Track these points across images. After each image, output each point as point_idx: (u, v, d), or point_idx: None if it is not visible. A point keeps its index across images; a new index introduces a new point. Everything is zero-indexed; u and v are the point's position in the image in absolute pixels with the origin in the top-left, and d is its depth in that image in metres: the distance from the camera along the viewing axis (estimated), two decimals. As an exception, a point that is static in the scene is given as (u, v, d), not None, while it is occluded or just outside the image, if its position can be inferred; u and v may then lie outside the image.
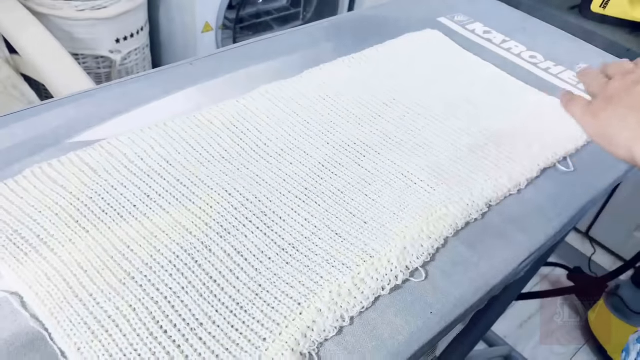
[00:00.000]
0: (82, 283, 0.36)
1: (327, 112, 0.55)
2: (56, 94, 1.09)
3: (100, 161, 0.45)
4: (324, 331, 0.36)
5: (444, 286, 0.41)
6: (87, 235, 0.39)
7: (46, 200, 0.41)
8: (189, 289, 0.37)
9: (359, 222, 0.44)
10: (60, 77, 1.08)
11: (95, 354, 0.32)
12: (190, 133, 0.49)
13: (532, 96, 0.61)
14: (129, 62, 1.54)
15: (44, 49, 1.13)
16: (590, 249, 1.59)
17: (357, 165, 0.49)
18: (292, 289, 0.38)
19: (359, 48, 0.65)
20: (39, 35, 1.15)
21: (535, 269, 0.79)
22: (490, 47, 0.70)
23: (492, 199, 0.47)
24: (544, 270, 1.60)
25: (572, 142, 0.55)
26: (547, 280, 1.59)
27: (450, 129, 0.55)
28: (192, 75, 0.58)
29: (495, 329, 1.39)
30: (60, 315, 0.34)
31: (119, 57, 1.48)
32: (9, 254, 0.37)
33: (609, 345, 1.37)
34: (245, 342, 0.34)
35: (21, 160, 0.45)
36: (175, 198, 0.43)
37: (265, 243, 0.41)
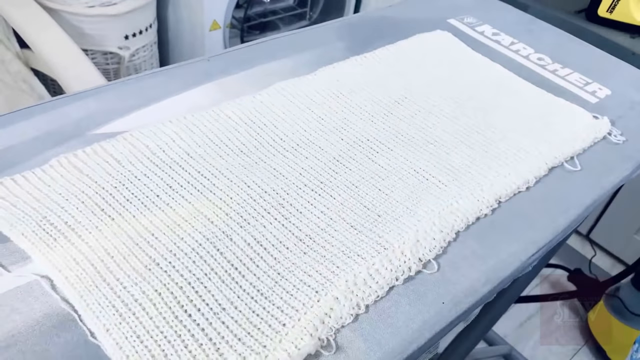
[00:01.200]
0: (109, 268, 0.37)
1: (341, 109, 0.56)
2: (67, 89, 1.10)
3: (124, 152, 0.46)
4: (341, 318, 0.38)
5: (455, 278, 0.42)
6: (113, 223, 0.40)
7: (72, 188, 0.42)
8: (212, 276, 0.38)
9: (373, 215, 0.45)
10: (72, 72, 1.09)
11: (123, 334, 0.34)
12: (209, 127, 0.50)
13: (540, 97, 0.62)
14: (137, 58, 1.56)
15: (56, 44, 1.14)
16: (591, 252, 1.60)
17: (371, 160, 0.50)
18: (310, 277, 0.39)
19: (370, 47, 0.66)
20: (51, 30, 1.17)
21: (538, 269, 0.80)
22: (498, 49, 0.71)
23: (501, 195, 0.49)
24: (545, 271, 1.61)
25: (579, 142, 0.56)
26: (547, 281, 1.61)
27: (460, 127, 0.56)
28: (208, 71, 0.59)
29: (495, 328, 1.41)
30: (89, 298, 0.35)
31: (128, 54, 1.50)
32: (39, 239, 0.38)
33: (608, 346, 1.38)
34: (266, 327, 0.36)
35: (45, 152, 0.47)
36: (197, 189, 0.44)
37: (283, 233, 0.42)
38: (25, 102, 1.33)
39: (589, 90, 0.66)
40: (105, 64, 1.51)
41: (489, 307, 0.81)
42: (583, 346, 1.45)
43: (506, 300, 0.80)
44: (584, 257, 1.62)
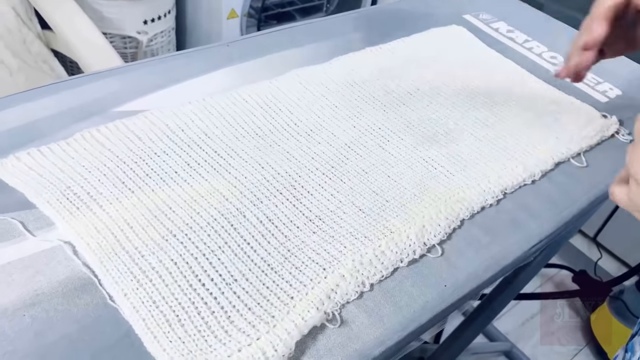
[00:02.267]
0: (128, 237, 0.39)
1: (355, 97, 0.58)
2: (86, 70, 1.12)
3: (145, 129, 0.48)
4: (346, 294, 0.39)
5: (458, 263, 0.44)
6: (133, 195, 0.42)
7: (95, 161, 0.44)
8: (225, 249, 0.40)
9: (381, 200, 0.47)
10: (92, 53, 1.11)
11: (140, 299, 0.36)
12: (227, 109, 0.52)
13: (551, 94, 0.64)
14: (154, 43, 1.58)
15: (77, 26, 1.17)
16: (597, 254, 1.61)
17: (381, 148, 0.52)
18: (318, 255, 0.41)
19: (385, 39, 0.68)
20: (72, 12, 1.19)
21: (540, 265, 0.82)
22: (512, 46, 0.72)
23: (507, 187, 0.50)
24: (550, 272, 1.62)
25: (586, 139, 0.57)
26: (551, 282, 1.61)
27: (471, 120, 0.58)
28: (228, 55, 0.61)
29: (497, 325, 1.42)
30: (108, 264, 0.37)
31: (146, 39, 1.52)
32: (63, 207, 0.40)
33: (609, 347, 1.39)
34: (275, 299, 0.38)
35: (69, 126, 0.49)
36: (213, 168, 0.46)
37: (294, 213, 0.44)
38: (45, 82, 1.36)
39: (600, 90, 0.67)
40: (124, 47, 1.54)
41: (489, 301, 0.82)
42: (584, 347, 1.46)
43: (507, 295, 0.81)
44: (589, 259, 1.63)
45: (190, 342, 0.34)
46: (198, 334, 0.35)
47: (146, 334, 0.34)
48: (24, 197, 0.41)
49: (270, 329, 0.36)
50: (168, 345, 0.34)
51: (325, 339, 0.37)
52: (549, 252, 0.85)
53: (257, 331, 0.36)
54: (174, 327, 0.35)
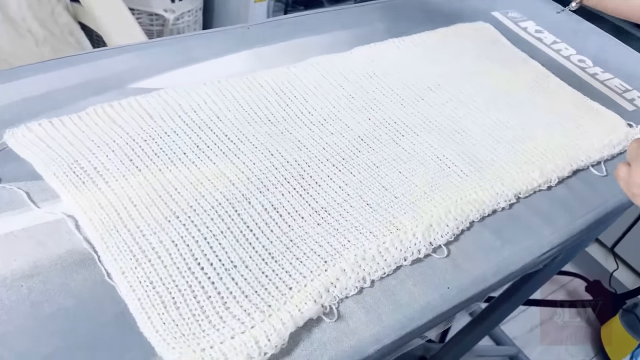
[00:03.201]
0: (131, 215, 0.39)
1: (372, 89, 0.57)
2: (110, 44, 1.13)
3: (157, 108, 0.48)
4: (346, 289, 0.39)
5: (464, 265, 0.43)
6: (139, 174, 0.42)
7: (105, 137, 0.44)
8: (227, 234, 0.40)
9: (390, 196, 0.46)
10: (117, 28, 1.12)
11: (137, 279, 0.36)
12: (242, 93, 0.52)
13: (575, 99, 0.62)
14: (181, 22, 1.58)
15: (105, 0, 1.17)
16: (613, 265, 1.58)
17: (395, 143, 0.51)
18: (321, 247, 0.41)
19: (410, 31, 0.66)
20: (101, -15, 1.19)
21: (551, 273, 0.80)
22: (540, 47, 0.70)
23: (521, 191, 0.49)
24: (563, 280, 1.60)
25: (608, 148, 0.55)
26: (564, 289, 1.59)
27: (490, 120, 0.56)
28: (247, 39, 0.61)
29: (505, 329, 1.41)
30: (109, 241, 0.37)
31: (172, 17, 1.52)
32: (69, 181, 0.40)
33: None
34: (273, 288, 0.37)
35: (85, 99, 0.49)
36: (222, 151, 0.46)
37: (300, 203, 0.43)
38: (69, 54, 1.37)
39: (628, 98, 0.64)
40: (150, 24, 1.54)
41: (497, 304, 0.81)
42: (593, 358, 1.44)
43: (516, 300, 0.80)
44: (605, 270, 1.60)
45: (183, 325, 0.34)
46: (192, 318, 0.35)
47: (140, 314, 0.34)
48: (32, 167, 0.41)
49: (265, 318, 0.35)
50: (161, 327, 0.34)
51: (321, 332, 0.36)
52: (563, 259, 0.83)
53: (252, 319, 0.35)
54: (168, 309, 0.35)
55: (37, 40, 1.31)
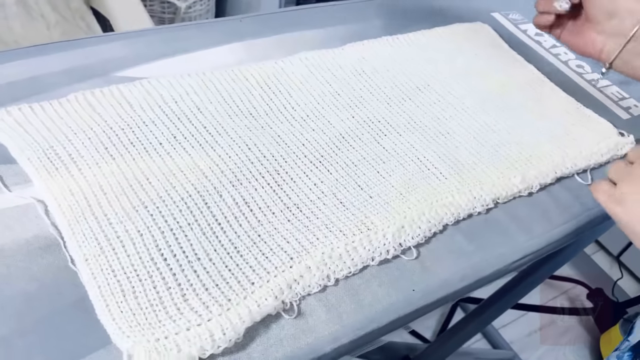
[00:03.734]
0: (100, 203, 0.39)
1: (360, 87, 0.56)
2: (117, 30, 1.14)
3: (138, 98, 0.48)
4: (309, 286, 0.39)
5: (433, 268, 0.42)
6: (113, 162, 0.43)
7: (83, 124, 0.45)
8: (194, 226, 0.40)
9: (365, 195, 0.46)
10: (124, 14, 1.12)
11: (99, 266, 0.36)
12: (225, 86, 0.52)
13: (568, 105, 0.61)
14: (193, 11, 1.58)
15: (114, -16, 1.18)
16: (618, 273, 1.56)
17: (376, 142, 0.51)
18: (288, 244, 0.41)
19: (406, 30, 0.66)
20: (112, -30, 1.20)
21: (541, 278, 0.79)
22: (538, 50, 0.69)
23: (500, 197, 0.49)
24: (565, 286, 1.58)
25: (595, 156, 0.55)
26: (566, 296, 1.57)
27: (477, 123, 0.56)
28: (239, 31, 0.60)
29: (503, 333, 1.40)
30: (75, 228, 0.38)
31: (184, 5, 1.52)
32: (42, 166, 0.41)
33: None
34: (234, 282, 0.37)
35: (70, 85, 0.49)
36: (199, 143, 0.46)
37: (272, 199, 0.43)
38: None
39: (623, 106, 0.63)
40: (162, 12, 1.55)
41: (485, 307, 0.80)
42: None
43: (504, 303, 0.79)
44: (609, 278, 1.58)
45: (140, 315, 0.34)
46: (150, 308, 0.35)
47: (99, 301, 0.35)
48: (7, 151, 0.42)
49: (223, 312, 0.36)
50: (118, 315, 0.34)
51: (279, 328, 0.36)
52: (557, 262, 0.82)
53: (209, 312, 0.35)
54: (127, 298, 0.35)
55: (48, 24, 1.33)
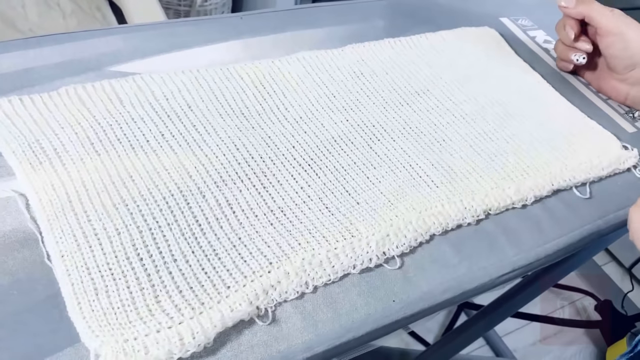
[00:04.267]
0: (81, 199, 0.39)
1: (357, 89, 0.55)
2: (129, 21, 1.14)
3: (129, 93, 0.48)
4: (286, 292, 0.38)
5: (415, 279, 0.42)
6: (98, 158, 0.42)
7: (71, 118, 0.44)
8: (173, 226, 0.39)
9: (352, 201, 0.45)
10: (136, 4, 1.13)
11: (74, 263, 0.36)
12: (219, 84, 0.51)
13: (571, 115, 0.59)
14: (209, 4, 1.58)
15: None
16: (629, 286, 1.53)
17: (369, 147, 0.50)
18: (268, 248, 0.40)
19: (409, 32, 0.65)
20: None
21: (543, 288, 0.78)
22: (545, 58, 0.68)
23: (492, 208, 0.47)
24: (573, 296, 1.56)
25: (596, 169, 0.53)
26: (573, 307, 1.55)
27: (475, 131, 0.54)
28: (239, 28, 0.60)
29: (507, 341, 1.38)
30: (54, 223, 0.38)
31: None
32: (26, 159, 0.41)
33: (620, 384, 1.33)
34: (209, 285, 0.37)
35: (63, 78, 0.49)
36: (187, 142, 0.45)
37: (257, 201, 0.43)
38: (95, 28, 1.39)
39: (630, 119, 0.62)
40: (178, 4, 1.55)
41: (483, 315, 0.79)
42: (596, 379, 1.41)
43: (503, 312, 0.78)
44: (620, 290, 1.55)
45: (111, 314, 0.34)
46: (121, 308, 0.35)
47: (71, 298, 0.34)
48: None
49: (195, 316, 0.35)
50: (89, 313, 0.34)
51: (251, 334, 0.36)
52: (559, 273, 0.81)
53: (181, 315, 0.35)
54: (100, 297, 0.35)
55: (64, 13, 1.34)
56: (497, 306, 0.81)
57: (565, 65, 0.64)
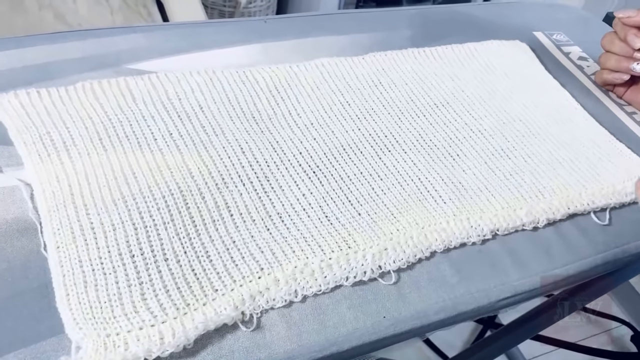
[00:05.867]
0: (82, 193, 0.40)
1: (373, 99, 0.55)
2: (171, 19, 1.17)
3: (142, 91, 0.49)
4: (273, 300, 0.38)
5: (410, 296, 0.40)
6: (104, 153, 0.43)
7: (83, 112, 0.46)
8: (169, 225, 0.40)
9: (353, 212, 0.44)
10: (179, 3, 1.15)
11: (68, 255, 0.37)
12: (233, 87, 0.52)
13: (599, 136, 0.57)
14: (253, 6, 1.60)
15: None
16: (671, 316, 1.45)
17: (378, 158, 0.49)
18: (262, 254, 0.40)
19: (436, 43, 0.64)
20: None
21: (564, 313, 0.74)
22: (578, 76, 0.65)
23: (500, 228, 0.46)
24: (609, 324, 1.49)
25: (618, 195, 0.50)
26: (608, 335, 1.48)
27: (492, 147, 0.53)
28: (261, 32, 0.60)
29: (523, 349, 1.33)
30: (54, 214, 0.39)
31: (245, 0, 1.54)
32: (35, 151, 0.42)
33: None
34: (197, 287, 0.37)
35: (82, 73, 0.50)
36: (193, 142, 0.46)
37: (256, 205, 0.43)
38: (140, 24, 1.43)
39: (664, 139, 0.58)
40: (222, 5, 1.57)
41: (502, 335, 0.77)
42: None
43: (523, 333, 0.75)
44: (660, 321, 1.47)
45: (97, 308, 0.35)
46: (107, 303, 0.35)
47: (60, 289, 0.35)
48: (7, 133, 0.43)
49: (179, 316, 0.35)
50: (76, 306, 0.35)
51: (233, 339, 0.36)
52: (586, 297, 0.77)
53: (164, 315, 0.35)
54: (88, 290, 0.35)
55: (112, 9, 1.38)
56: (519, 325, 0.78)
57: (613, 78, 0.61)
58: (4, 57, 0.49)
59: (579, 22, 0.73)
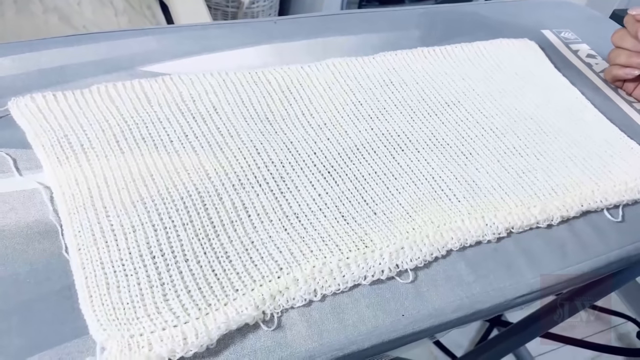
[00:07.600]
0: (102, 195, 0.40)
1: (384, 98, 0.55)
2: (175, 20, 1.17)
3: (157, 93, 0.49)
4: (293, 299, 0.38)
5: (427, 294, 0.41)
6: (122, 156, 0.44)
7: (99, 115, 0.46)
8: (188, 227, 0.40)
9: (369, 211, 0.45)
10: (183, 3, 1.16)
11: (89, 257, 0.37)
12: (246, 88, 0.52)
13: (610, 134, 0.57)
14: (256, 6, 1.60)
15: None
16: (677, 313, 1.46)
17: (392, 157, 0.49)
18: (280, 254, 0.40)
19: (445, 42, 0.64)
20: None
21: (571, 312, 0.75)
22: (587, 73, 0.65)
23: (515, 227, 0.46)
24: (614, 321, 1.49)
25: (631, 192, 0.51)
26: (614, 332, 1.49)
27: (504, 145, 0.53)
28: (271, 33, 0.61)
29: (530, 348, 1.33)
30: (74, 217, 0.39)
31: (248, 0, 1.55)
32: (53, 154, 0.42)
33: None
34: (218, 288, 0.37)
35: (96, 76, 0.51)
36: (209, 144, 0.46)
37: (273, 206, 0.43)
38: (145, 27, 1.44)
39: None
40: (225, 5, 1.58)
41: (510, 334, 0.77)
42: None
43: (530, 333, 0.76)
44: (667, 317, 1.48)
45: (120, 309, 0.35)
46: (130, 304, 0.35)
47: (83, 291, 0.36)
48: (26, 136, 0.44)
49: (201, 316, 0.36)
50: (99, 307, 0.35)
51: (255, 338, 0.36)
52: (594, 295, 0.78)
53: (187, 315, 0.36)
54: (110, 292, 0.36)
55: (116, 11, 1.38)
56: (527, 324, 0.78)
57: (626, 73, 0.62)
58: (19, 62, 0.50)
59: (587, 20, 0.74)
